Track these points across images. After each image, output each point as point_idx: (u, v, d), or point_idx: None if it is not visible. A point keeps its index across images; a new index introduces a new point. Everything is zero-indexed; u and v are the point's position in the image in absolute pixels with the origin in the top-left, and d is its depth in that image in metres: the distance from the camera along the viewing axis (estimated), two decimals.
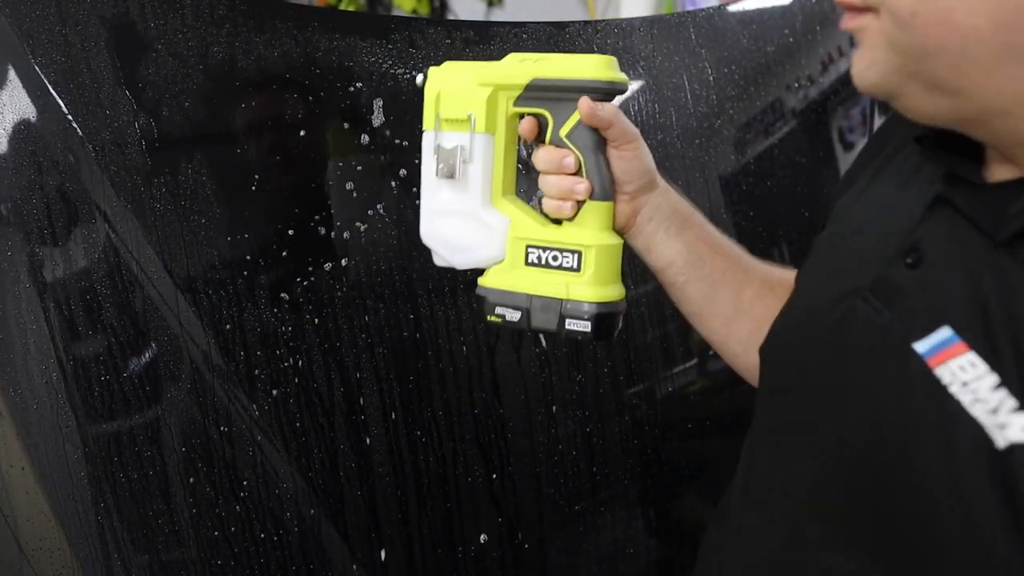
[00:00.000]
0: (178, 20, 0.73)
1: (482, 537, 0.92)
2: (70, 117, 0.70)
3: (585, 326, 0.64)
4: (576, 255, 0.65)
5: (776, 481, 0.56)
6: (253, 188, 0.77)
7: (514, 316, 0.67)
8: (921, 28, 0.43)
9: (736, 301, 0.68)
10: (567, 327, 0.65)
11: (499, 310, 0.68)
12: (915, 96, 0.46)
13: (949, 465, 0.43)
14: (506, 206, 0.69)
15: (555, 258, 0.66)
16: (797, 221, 1.16)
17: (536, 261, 0.67)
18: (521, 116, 0.67)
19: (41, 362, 0.72)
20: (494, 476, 0.92)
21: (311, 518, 0.82)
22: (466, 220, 0.68)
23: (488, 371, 0.91)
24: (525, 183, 0.88)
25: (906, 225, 0.50)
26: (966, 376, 0.43)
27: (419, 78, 0.68)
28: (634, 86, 0.99)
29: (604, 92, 0.63)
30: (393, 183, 0.84)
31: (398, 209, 0.85)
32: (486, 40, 0.88)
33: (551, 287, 0.66)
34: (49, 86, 0.69)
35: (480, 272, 0.70)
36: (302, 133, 0.79)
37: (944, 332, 0.45)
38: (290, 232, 0.79)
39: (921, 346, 0.45)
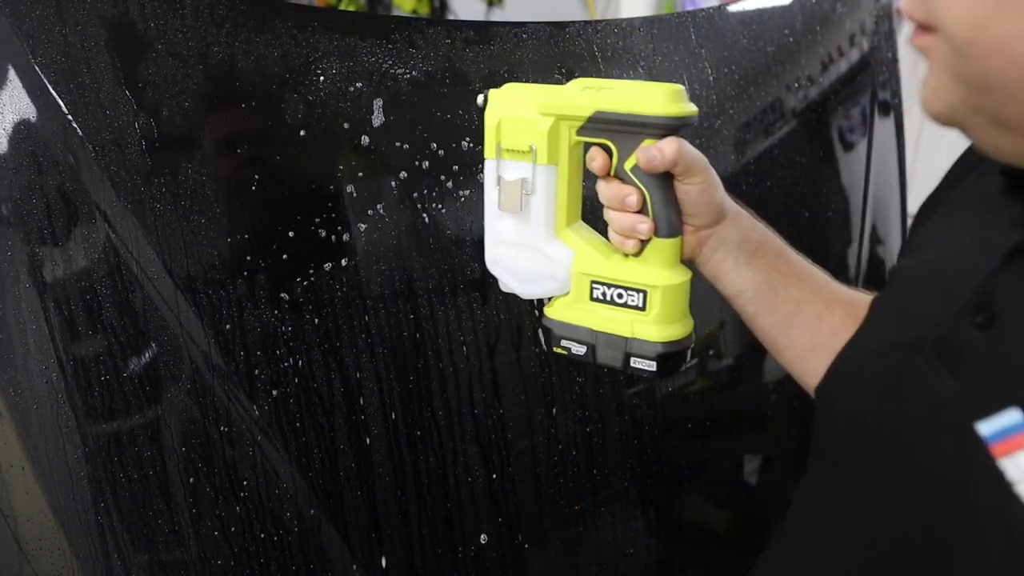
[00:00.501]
0: (178, 20, 0.73)
1: (482, 537, 0.92)
2: (70, 117, 0.70)
3: (650, 365, 0.63)
4: (641, 294, 0.63)
5: (817, 539, 0.52)
6: (253, 188, 0.77)
7: (580, 350, 0.67)
8: (978, 59, 0.39)
9: (813, 334, 0.63)
10: (632, 365, 0.64)
11: (565, 343, 0.67)
12: (982, 131, 0.42)
13: (1013, 572, 0.38)
14: (570, 238, 0.67)
15: (620, 296, 0.65)
16: (797, 221, 1.16)
17: (601, 297, 0.65)
18: (587, 144, 0.65)
19: (41, 362, 0.72)
20: (494, 476, 0.92)
21: (311, 518, 0.82)
22: (529, 252, 0.68)
23: (488, 371, 0.90)
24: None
25: (980, 275, 0.44)
26: None
27: (479, 99, 0.67)
28: None
29: (669, 128, 0.60)
30: (393, 183, 0.84)
31: (398, 209, 0.85)
32: (486, 40, 0.88)
33: (616, 324, 0.65)
34: (49, 86, 0.69)
35: (544, 301, 0.70)
36: (302, 133, 0.79)
37: (1012, 416, 0.39)
38: (290, 232, 0.79)
39: (985, 428, 0.39)
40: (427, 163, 0.85)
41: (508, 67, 0.89)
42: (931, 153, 4.58)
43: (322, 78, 0.80)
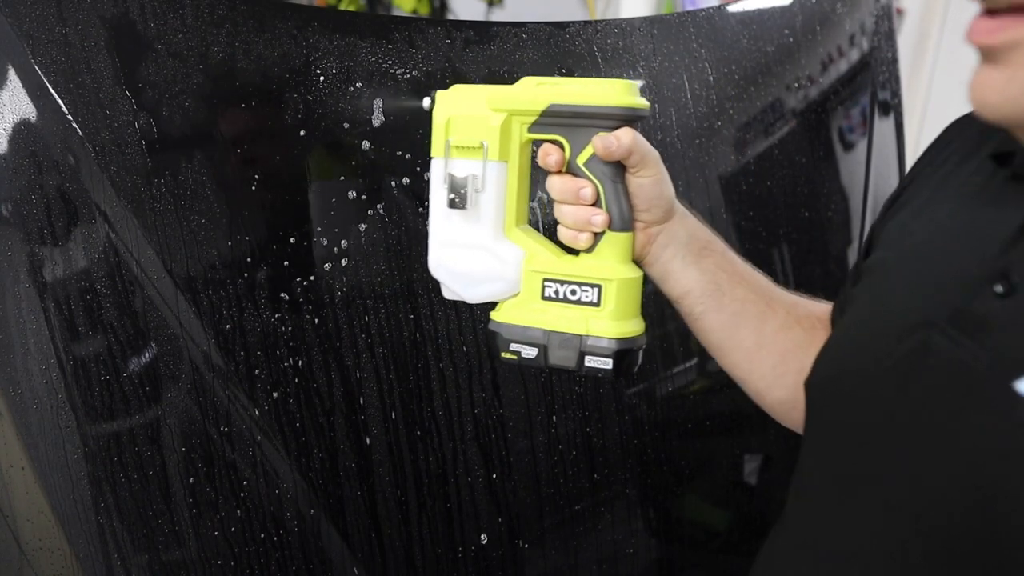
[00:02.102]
0: (178, 20, 0.73)
1: (482, 537, 0.92)
2: (70, 117, 0.70)
3: (606, 363, 0.62)
4: (596, 289, 0.63)
5: (841, 542, 0.51)
6: (253, 188, 0.77)
7: (530, 353, 0.65)
8: None
9: (758, 333, 0.65)
10: (587, 364, 0.63)
11: (514, 347, 0.65)
12: None
13: None
14: (520, 237, 0.66)
15: (573, 292, 0.63)
16: (797, 221, 1.16)
17: (553, 295, 0.64)
18: (535, 142, 0.65)
19: (41, 362, 0.72)
20: (494, 476, 0.92)
21: (311, 518, 0.82)
22: (478, 252, 0.66)
23: (488, 371, 0.90)
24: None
25: (990, 250, 0.45)
26: None
27: (426, 102, 0.66)
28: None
29: (623, 119, 0.61)
30: (393, 183, 0.84)
31: (398, 209, 0.85)
32: (486, 40, 0.88)
33: (569, 322, 0.63)
34: (49, 86, 0.69)
35: (492, 306, 0.68)
36: (302, 133, 0.79)
37: None
38: (290, 232, 0.79)
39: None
40: (427, 163, 0.85)
41: (508, 67, 0.89)
42: None
43: (322, 78, 0.80)
